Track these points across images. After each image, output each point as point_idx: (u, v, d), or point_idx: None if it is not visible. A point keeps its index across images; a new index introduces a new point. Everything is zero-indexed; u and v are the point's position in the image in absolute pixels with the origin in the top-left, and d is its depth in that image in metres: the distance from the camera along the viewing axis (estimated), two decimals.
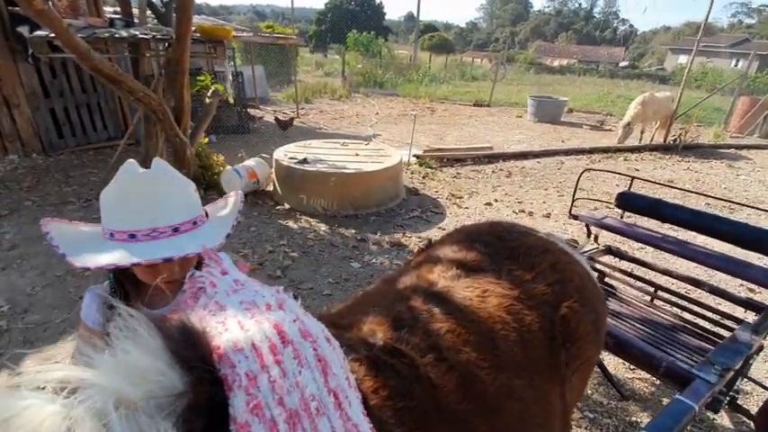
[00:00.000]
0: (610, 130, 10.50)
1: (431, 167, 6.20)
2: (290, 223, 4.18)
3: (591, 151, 7.70)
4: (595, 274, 1.85)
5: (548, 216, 4.72)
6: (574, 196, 2.51)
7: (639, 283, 2.48)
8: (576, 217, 2.45)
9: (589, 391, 2.35)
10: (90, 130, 6.40)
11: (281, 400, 0.52)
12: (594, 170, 3.06)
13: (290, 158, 4.67)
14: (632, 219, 3.24)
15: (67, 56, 3.53)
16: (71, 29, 2.90)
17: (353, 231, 4.08)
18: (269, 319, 0.61)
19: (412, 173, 5.92)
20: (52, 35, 3.15)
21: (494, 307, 0.97)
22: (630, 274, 2.50)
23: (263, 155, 5.18)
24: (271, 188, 4.95)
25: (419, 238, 4.04)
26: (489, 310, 0.96)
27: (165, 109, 3.70)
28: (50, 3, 2.78)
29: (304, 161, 4.61)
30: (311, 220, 4.29)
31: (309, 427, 0.53)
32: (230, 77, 6.89)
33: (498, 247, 1.15)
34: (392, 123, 10.14)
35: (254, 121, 8.86)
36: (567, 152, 7.54)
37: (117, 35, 3.60)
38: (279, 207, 4.54)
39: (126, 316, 0.51)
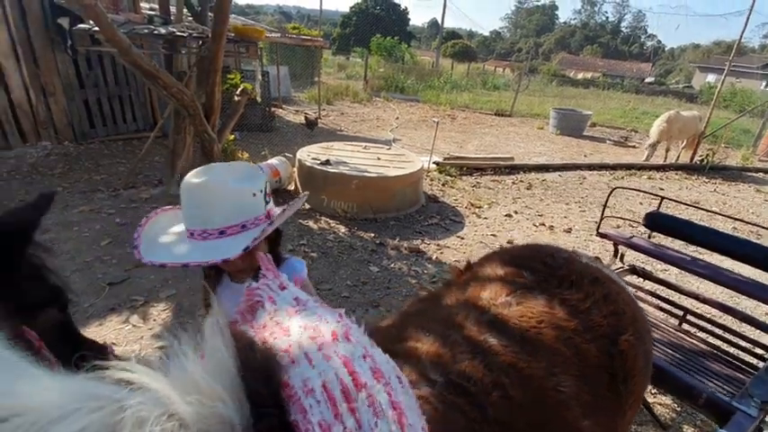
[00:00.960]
0: (634, 146, 10.32)
1: (451, 175, 6.18)
2: (311, 223, 4.22)
3: (614, 167, 7.58)
4: None
5: (569, 231, 4.65)
6: (602, 214, 2.47)
7: (666, 306, 2.42)
8: (604, 235, 2.41)
9: None
10: (120, 121, 6.58)
11: None
12: (624, 188, 3.00)
13: (313, 159, 4.72)
14: (658, 238, 3.18)
15: (107, 50, 3.65)
16: (114, 24, 3.00)
17: (372, 235, 4.09)
18: (337, 352, 0.56)
19: (431, 180, 5.92)
20: (95, 29, 3.26)
21: (552, 339, 0.93)
22: (657, 296, 2.45)
23: (287, 154, 5.25)
24: (292, 187, 5.01)
25: (438, 245, 4.04)
26: (548, 343, 0.92)
27: (197, 105, 3.78)
28: None
29: (327, 163, 4.65)
30: (331, 221, 4.32)
31: None
32: (259, 77, 7.01)
33: (546, 273, 1.11)
34: (412, 129, 10.16)
35: (277, 119, 8.99)
36: (590, 167, 7.43)
37: (156, 32, 3.71)
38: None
39: (214, 321, 0.48)
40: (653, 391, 2.46)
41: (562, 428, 0.83)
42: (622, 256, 2.64)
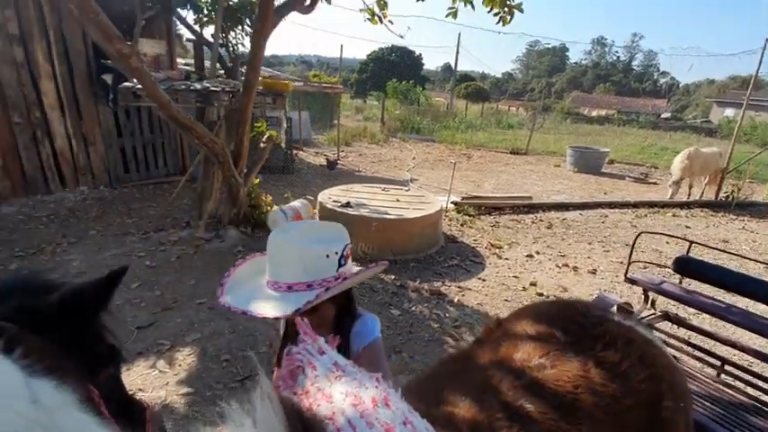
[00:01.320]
0: (655, 182, 10.20)
1: (469, 215, 6.21)
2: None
3: (636, 205, 7.47)
4: None
5: (593, 272, 4.55)
6: (629, 259, 2.43)
7: (702, 354, 2.31)
8: (634, 282, 2.37)
9: None
10: (152, 167, 6.96)
11: None
12: (650, 233, 2.96)
13: (334, 202, 4.84)
14: (690, 283, 3.08)
15: (148, 104, 3.96)
16: (156, 82, 3.28)
17: (393, 277, 4.09)
18: (379, 419, 0.57)
19: (450, 220, 5.95)
20: (138, 87, 3.56)
21: (590, 405, 0.92)
22: (692, 344, 2.35)
23: (308, 197, 5.40)
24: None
25: (459, 287, 4.00)
26: (586, 410, 0.91)
27: (227, 153, 4.01)
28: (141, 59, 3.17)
29: (347, 205, 4.76)
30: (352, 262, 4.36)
31: None
32: (284, 124, 7.38)
33: (578, 334, 1.10)
34: (429, 168, 10.35)
35: (298, 161, 9.33)
36: (611, 205, 7.35)
37: (192, 87, 4.02)
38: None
39: (263, 389, 0.51)
40: None
41: None
42: (654, 301, 2.57)
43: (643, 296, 2.54)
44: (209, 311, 3.21)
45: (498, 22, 3.94)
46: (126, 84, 3.92)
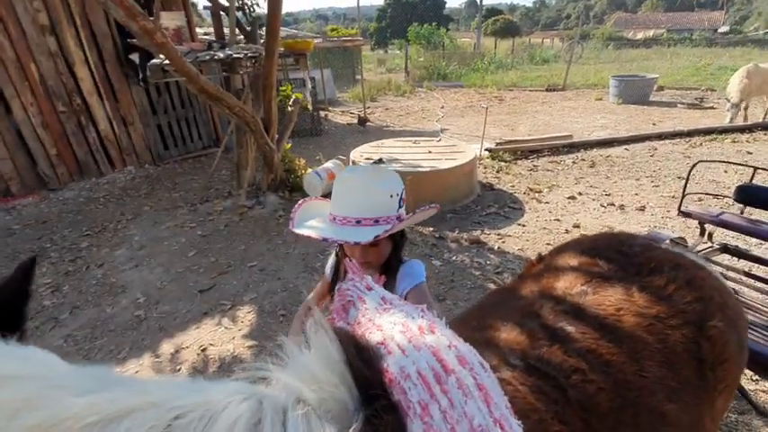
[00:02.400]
0: (712, 107, 9.29)
1: (504, 161, 6.01)
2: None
3: (690, 134, 6.89)
4: None
5: (642, 209, 4.34)
6: (684, 191, 2.30)
7: (764, 286, 2.21)
8: (688, 215, 2.25)
9: None
10: (188, 141, 7.19)
11: (453, 430, 0.53)
12: (708, 161, 2.74)
13: (366, 159, 4.83)
14: (753, 213, 2.88)
15: (176, 79, 4.02)
16: (182, 56, 3.30)
17: (431, 229, 4.12)
18: (426, 343, 0.62)
19: (485, 168, 5.80)
20: (166, 62, 3.60)
21: (632, 326, 0.93)
22: (754, 276, 2.24)
23: (341, 156, 5.42)
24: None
25: (498, 235, 3.98)
26: (628, 330, 0.92)
27: (257, 121, 4.05)
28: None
29: (379, 161, 4.74)
30: None
31: None
32: (309, 85, 7.28)
33: (623, 262, 1.10)
34: (459, 116, 9.97)
35: (325, 122, 9.28)
36: (661, 136, 6.82)
37: (216, 57, 4.01)
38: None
39: (317, 320, 0.57)
40: (754, 378, 2.27)
41: (645, 411, 0.83)
42: (711, 234, 2.44)
43: (699, 229, 2.42)
44: (260, 273, 3.42)
45: None
46: (154, 61, 3.98)
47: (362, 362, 0.56)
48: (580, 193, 4.83)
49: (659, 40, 27.18)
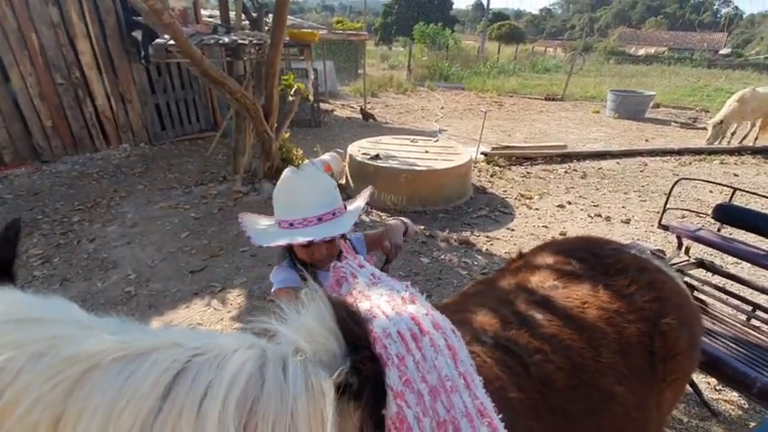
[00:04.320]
0: (704, 128, 9.48)
1: (499, 166, 6.11)
2: (362, 216, 4.41)
3: (680, 152, 7.06)
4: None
5: (627, 222, 4.47)
6: (665, 205, 2.40)
7: (734, 301, 2.32)
8: (666, 227, 2.35)
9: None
10: (186, 123, 7.16)
11: (423, 378, 0.63)
12: (690, 179, 2.85)
13: (363, 154, 4.89)
14: (728, 231, 3.00)
15: (180, 60, 4.02)
16: (187, 38, 3.32)
17: (422, 227, 4.20)
18: (407, 311, 0.73)
19: (480, 171, 5.89)
20: (170, 43, 3.61)
21: (594, 318, 1.04)
22: (724, 291, 2.35)
23: (338, 149, 5.46)
24: (343, 181, 5.22)
25: (487, 237, 4.07)
26: (590, 320, 1.03)
27: (258, 108, 4.08)
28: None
29: (376, 157, 4.80)
30: (381, 213, 4.49)
31: (446, 400, 0.64)
32: (312, 76, 7.29)
33: (593, 262, 1.20)
34: (457, 118, 10.06)
35: (324, 114, 9.29)
36: (652, 153, 6.98)
37: (221, 41, 4.03)
38: (350, 200, 4.79)
39: (313, 290, 0.66)
40: (718, 388, 2.39)
41: (597, 390, 0.94)
42: (688, 249, 2.55)
43: (677, 243, 2.53)
44: (251, 258, 3.47)
45: None
46: (159, 40, 3.97)
47: (351, 321, 0.65)
48: (569, 203, 4.95)
49: (660, 57, 27.54)
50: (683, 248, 2.56)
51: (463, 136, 8.11)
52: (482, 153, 6.39)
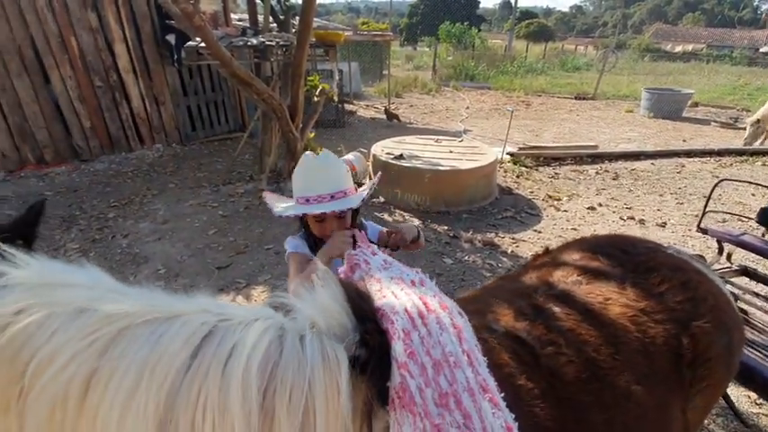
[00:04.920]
0: (745, 128, 8.96)
1: (526, 166, 5.96)
2: (385, 216, 4.40)
3: (720, 153, 6.68)
4: None
5: (662, 225, 4.26)
6: (705, 207, 2.27)
7: None
8: (705, 231, 2.22)
9: (706, 422, 2.15)
10: (215, 124, 7.37)
11: (428, 352, 0.65)
12: (732, 180, 2.68)
13: (387, 154, 4.88)
14: None
15: (210, 62, 4.13)
16: (218, 40, 3.41)
17: (446, 228, 4.15)
18: (415, 292, 0.75)
19: (505, 171, 5.76)
20: (201, 45, 3.72)
21: (616, 315, 1.01)
22: None
23: (362, 149, 5.48)
24: (367, 180, 5.23)
25: (513, 239, 3.97)
26: (611, 317, 1.00)
27: (284, 108, 4.14)
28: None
29: (400, 157, 4.78)
30: (405, 213, 4.46)
31: (449, 374, 0.65)
32: (337, 77, 7.36)
33: (623, 259, 1.16)
34: (483, 118, 9.90)
35: (349, 115, 9.35)
36: (690, 153, 6.64)
37: (249, 43, 4.11)
38: (374, 199, 4.79)
39: (322, 271, 0.70)
40: (758, 402, 2.24)
41: (611, 387, 0.92)
42: (729, 255, 2.40)
43: (717, 248, 2.38)
44: (275, 256, 3.52)
45: None
46: (190, 43, 4.10)
47: (359, 299, 0.69)
48: (600, 204, 4.77)
49: (698, 54, 26.22)
50: (725, 254, 2.42)
51: (489, 136, 7.97)
52: (508, 153, 6.25)
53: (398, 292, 0.73)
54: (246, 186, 4.97)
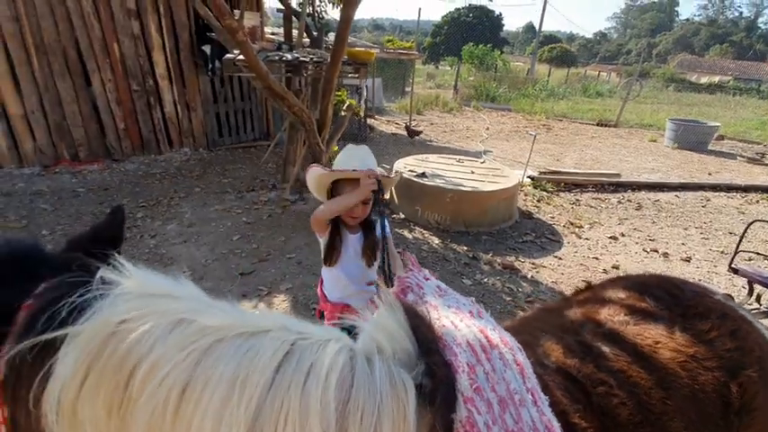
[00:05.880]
0: None
1: (547, 191, 5.94)
2: (405, 233, 4.43)
3: (746, 189, 6.56)
4: None
5: (687, 260, 4.18)
6: (738, 247, 2.24)
7: None
8: (736, 271, 2.19)
9: None
10: (242, 132, 7.57)
11: (493, 388, 0.65)
12: (766, 221, 2.65)
13: (410, 171, 4.93)
14: None
15: (246, 74, 4.29)
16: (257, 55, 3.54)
17: (465, 248, 4.15)
18: (475, 324, 0.75)
19: (526, 195, 5.76)
20: (239, 57, 3.87)
21: (666, 359, 1.00)
22: None
23: (384, 165, 5.55)
24: (388, 197, 5.28)
25: (533, 264, 3.95)
26: (661, 361, 0.99)
27: (313, 121, 4.25)
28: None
29: (422, 175, 4.83)
30: (425, 232, 4.48)
31: (515, 413, 0.65)
32: (364, 93, 7.52)
33: (670, 303, 1.15)
34: (503, 140, 9.93)
35: (371, 130, 9.49)
36: (716, 187, 6.53)
37: (284, 58, 4.26)
38: (394, 216, 4.83)
39: (386, 298, 0.71)
40: None
41: (662, 431, 0.90)
42: (759, 296, 2.35)
43: (747, 288, 2.34)
44: (297, 265, 3.57)
45: None
46: (229, 55, 4.27)
47: (423, 326, 0.69)
48: (623, 234, 4.71)
49: (725, 86, 25.91)
50: (755, 295, 2.37)
51: (509, 158, 7.99)
52: (529, 177, 6.25)
53: (458, 323, 0.73)
54: (270, 195, 5.07)
